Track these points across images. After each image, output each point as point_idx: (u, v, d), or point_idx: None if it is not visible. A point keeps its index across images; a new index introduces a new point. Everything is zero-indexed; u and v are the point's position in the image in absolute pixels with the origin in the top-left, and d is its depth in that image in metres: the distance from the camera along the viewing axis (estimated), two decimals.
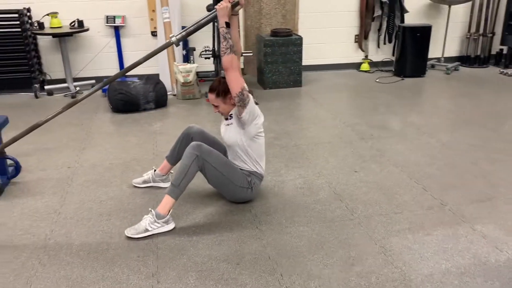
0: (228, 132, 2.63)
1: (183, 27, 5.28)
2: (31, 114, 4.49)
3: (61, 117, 4.36)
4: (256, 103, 2.62)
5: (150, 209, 2.47)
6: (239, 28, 4.63)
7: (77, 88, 5.16)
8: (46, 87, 5.12)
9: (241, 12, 5.49)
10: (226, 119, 2.65)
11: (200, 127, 2.84)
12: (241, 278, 2.07)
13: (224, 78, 2.51)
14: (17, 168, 3.06)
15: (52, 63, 5.37)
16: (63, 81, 5.23)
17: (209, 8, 5.16)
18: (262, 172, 2.73)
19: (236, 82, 2.43)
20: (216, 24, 4.88)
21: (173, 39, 2.59)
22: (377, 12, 5.95)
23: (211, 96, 2.59)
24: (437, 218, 2.55)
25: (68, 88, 5.13)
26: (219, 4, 2.43)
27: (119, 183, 3.01)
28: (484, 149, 3.49)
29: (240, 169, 2.64)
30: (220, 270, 2.13)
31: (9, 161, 3.02)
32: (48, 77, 5.36)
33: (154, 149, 3.58)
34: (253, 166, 2.66)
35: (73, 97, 5.00)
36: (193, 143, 2.51)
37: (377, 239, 2.36)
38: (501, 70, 6.00)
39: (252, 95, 2.58)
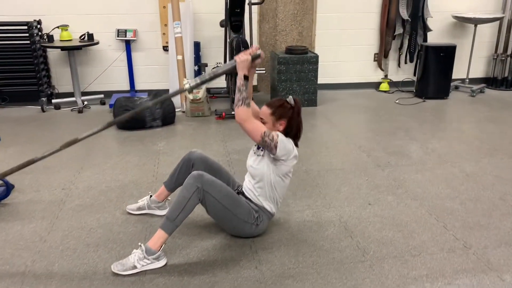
0: (257, 164, 2.39)
1: (195, 43, 5.14)
2: (36, 128, 4.36)
3: (65, 133, 4.25)
4: (296, 145, 2.42)
5: (139, 243, 2.25)
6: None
7: (85, 103, 5.03)
8: (53, 100, 5.01)
9: (255, 28, 5.32)
10: (258, 148, 2.43)
11: (202, 152, 2.62)
12: None
13: (287, 102, 2.35)
14: (8, 189, 2.89)
15: (61, 77, 5.27)
16: (71, 95, 5.11)
17: (223, 23, 5.00)
18: (274, 212, 2.49)
19: (254, 132, 2.24)
20: (228, 39, 4.70)
21: (187, 85, 2.41)
22: (399, 30, 5.69)
23: (266, 110, 2.36)
24: (460, 264, 2.26)
25: (76, 102, 5.00)
26: (239, 55, 2.28)
27: (112, 209, 2.81)
28: None
29: (250, 201, 2.42)
30: None
31: None
32: (56, 91, 5.25)
33: (155, 171, 3.38)
34: (268, 203, 2.43)
35: (79, 111, 4.87)
36: (194, 172, 2.29)
37: (390, 287, 2.09)
38: None
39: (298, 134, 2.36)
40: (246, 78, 2.25)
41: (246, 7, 4.68)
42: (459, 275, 2.17)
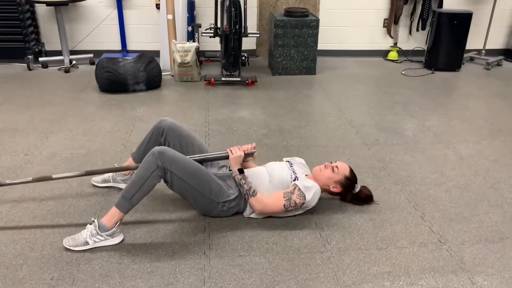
0: (286, 177, 2.32)
1: (189, 1, 4.84)
2: (18, 87, 4.22)
3: (46, 93, 4.10)
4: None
5: (92, 219, 2.10)
6: (245, 5, 4.07)
7: (73, 62, 4.85)
8: (40, 59, 4.83)
9: None
10: (295, 173, 2.35)
11: (173, 121, 2.42)
12: None
13: (356, 184, 2.42)
14: None
15: (51, 34, 5.07)
16: (61, 53, 4.92)
17: None
18: (248, 214, 2.35)
19: (277, 211, 2.27)
20: (219, 0, 4.38)
21: None
22: None
23: (346, 169, 2.37)
24: (429, 261, 2.04)
25: (63, 61, 4.82)
26: (232, 150, 2.29)
27: (70, 180, 2.65)
28: (510, 170, 2.89)
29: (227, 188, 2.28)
30: None
31: None
32: (45, 48, 5.07)
33: (126, 139, 3.21)
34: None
35: (66, 71, 4.69)
36: (155, 148, 2.10)
37: (345, 284, 1.89)
38: None
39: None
40: (241, 171, 2.24)
41: None
42: (425, 275, 1.95)
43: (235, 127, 3.44)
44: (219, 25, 4.46)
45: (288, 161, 2.44)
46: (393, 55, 5.50)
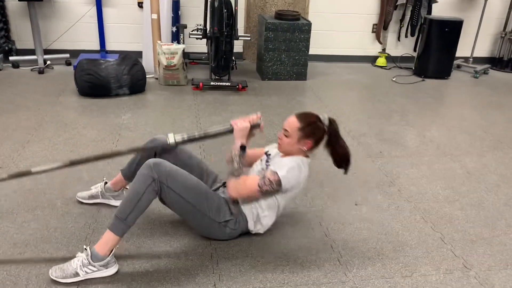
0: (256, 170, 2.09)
1: (174, 1, 4.58)
2: None
3: (19, 97, 3.74)
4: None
5: (84, 247, 1.84)
6: (236, 7, 3.88)
7: (48, 62, 4.49)
8: (11, 58, 4.45)
9: None
10: (267, 161, 2.09)
11: (165, 137, 2.17)
12: None
13: (320, 120, 2.00)
14: None
15: (22, 31, 4.69)
16: (33, 52, 4.55)
17: None
18: (252, 230, 2.11)
19: (252, 195, 1.97)
20: (208, 1, 4.14)
21: (171, 140, 2.01)
22: None
23: (293, 122, 1.98)
24: None
25: (37, 60, 4.45)
26: (237, 122, 2.02)
27: (53, 197, 2.37)
28: None
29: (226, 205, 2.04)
30: None
31: None
32: (16, 47, 4.68)
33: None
34: (252, 217, 2.07)
35: (40, 72, 4.33)
36: (150, 160, 1.87)
37: None
38: None
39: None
40: (243, 148, 1.99)
41: None
42: None
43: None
44: (207, 26, 4.21)
45: (266, 155, 2.17)
46: (381, 61, 5.41)
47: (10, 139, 2.97)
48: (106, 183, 2.33)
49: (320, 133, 1.99)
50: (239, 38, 4.17)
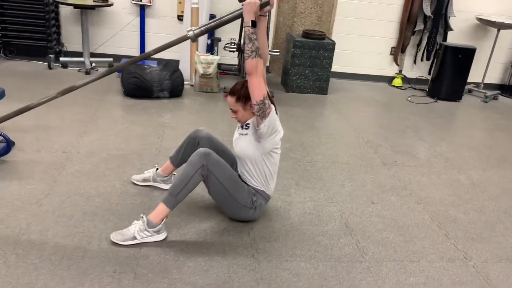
0: (242, 143, 2.36)
1: (211, 15, 5.01)
2: (41, 85, 4.28)
3: (70, 95, 4.15)
4: (276, 112, 2.31)
5: (141, 215, 2.22)
6: (268, 24, 4.32)
7: (93, 64, 4.93)
8: (61, 58, 4.91)
9: (274, 7, 5.17)
10: (242, 127, 2.38)
11: (208, 131, 2.57)
12: None
13: (247, 82, 2.21)
14: (8, 145, 2.83)
15: (71, 35, 5.15)
16: (80, 54, 5.00)
17: None
18: (270, 193, 2.44)
19: (258, 89, 2.12)
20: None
21: (190, 33, 2.31)
22: (419, 26, 5.54)
23: (231, 100, 2.31)
24: (458, 276, 2.23)
25: (83, 62, 4.90)
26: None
27: (112, 179, 2.76)
28: None
29: (247, 184, 2.37)
30: None
31: None
32: (65, 49, 5.14)
33: (159, 143, 3.32)
34: (261, 184, 2.38)
35: (87, 73, 4.78)
36: (201, 149, 2.23)
37: None
38: None
39: (274, 105, 2.28)
40: (254, 24, 2.10)
41: None
42: (457, 287, 2.14)
43: None
44: (241, 41, 4.63)
45: (237, 126, 2.47)
46: (397, 81, 5.78)
47: (69, 129, 3.38)
48: (157, 169, 2.71)
49: (246, 90, 2.20)
50: (270, 53, 4.57)
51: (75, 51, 5.13)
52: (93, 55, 5.11)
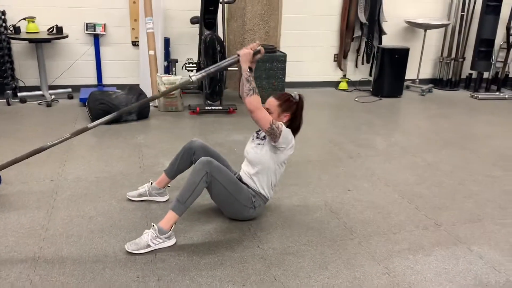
0: (259, 151, 2.57)
1: (165, 38, 5.22)
2: (7, 122, 4.26)
3: (40, 127, 4.19)
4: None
5: (152, 224, 2.38)
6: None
7: (52, 96, 4.94)
8: (19, 94, 4.88)
9: (225, 27, 5.48)
10: (258, 137, 2.63)
11: (202, 141, 2.77)
12: None
13: (292, 97, 2.56)
14: None
15: (25, 70, 5.14)
16: (36, 88, 5.00)
17: (193, 20, 5.12)
18: (269, 197, 2.69)
19: (263, 120, 2.40)
20: (202, 36, 4.83)
21: (194, 78, 2.53)
22: (357, 32, 6.08)
23: (273, 102, 2.54)
24: (434, 239, 2.58)
25: (43, 96, 4.91)
26: (242, 50, 2.46)
27: (107, 198, 2.87)
28: (467, 170, 3.59)
29: (248, 186, 2.60)
30: None
31: None
32: (22, 84, 5.11)
33: (141, 162, 3.46)
34: (264, 188, 2.62)
35: (48, 105, 4.79)
36: (203, 158, 2.43)
37: (379, 259, 2.36)
38: (471, 94, 6.26)
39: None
40: (250, 69, 2.43)
41: (220, 5, 4.83)
42: (436, 248, 2.49)
43: (235, 148, 3.84)
44: (196, 59, 4.87)
45: (253, 135, 2.73)
46: (343, 85, 6.26)
47: (49, 159, 3.43)
48: (151, 183, 2.87)
49: (293, 107, 2.57)
50: (228, 69, 4.85)
51: (31, 85, 5.11)
52: (50, 87, 5.12)
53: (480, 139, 4.42)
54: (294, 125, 2.62)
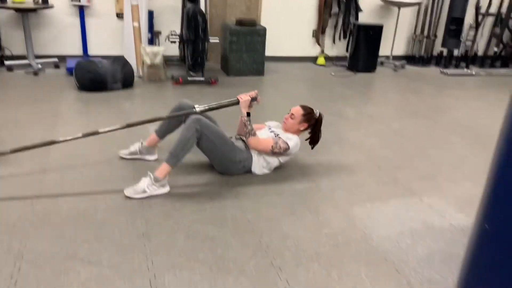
0: (268, 136, 2.96)
1: (149, 11, 5.38)
2: None
3: (28, 93, 4.36)
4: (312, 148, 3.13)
5: (148, 172, 2.64)
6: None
7: (39, 66, 5.10)
8: (6, 62, 5.02)
9: (204, 0, 5.66)
10: (273, 132, 3.01)
11: (191, 102, 3.01)
12: (226, 237, 2.31)
13: (314, 112, 3.04)
14: None
15: (11, 38, 5.26)
16: (23, 57, 5.14)
17: None
18: (254, 171, 3.00)
19: (265, 149, 2.88)
20: (185, 8, 5.02)
21: (197, 109, 2.82)
22: (335, 9, 6.33)
23: (299, 111, 2.99)
24: (392, 192, 2.92)
25: (29, 65, 5.06)
26: (241, 96, 2.86)
27: (97, 157, 3.12)
28: (428, 136, 3.94)
29: (247, 148, 2.93)
30: (206, 231, 2.35)
31: None
32: (7, 53, 5.24)
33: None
34: (255, 155, 2.94)
35: (35, 74, 4.95)
36: (193, 116, 2.71)
37: (341, 207, 2.68)
38: (442, 70, 6.61)
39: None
40: (248, 114, 2.84)
41: None
42: (392, 199, 2.82)
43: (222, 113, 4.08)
44: (183, 32, 5.06)
45: (269, 126, 3.14)
46: (321, 60, 6.54)
47: (40, 122, 3.64)
48: (142, 143, 3.12)
49: (313, 120, 3.03)
50: (209, 40, 5.07)
51: (18, 54, 5.24)
52: (37, 57, 5.26)
53: (444, 110, 4.77)
54: (315, 138, 3.09)
